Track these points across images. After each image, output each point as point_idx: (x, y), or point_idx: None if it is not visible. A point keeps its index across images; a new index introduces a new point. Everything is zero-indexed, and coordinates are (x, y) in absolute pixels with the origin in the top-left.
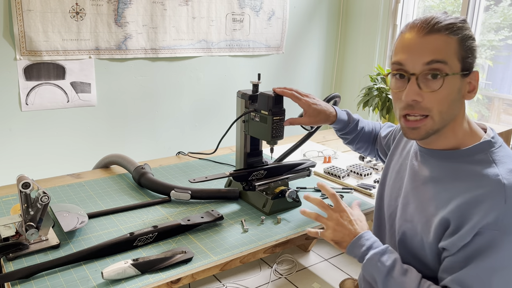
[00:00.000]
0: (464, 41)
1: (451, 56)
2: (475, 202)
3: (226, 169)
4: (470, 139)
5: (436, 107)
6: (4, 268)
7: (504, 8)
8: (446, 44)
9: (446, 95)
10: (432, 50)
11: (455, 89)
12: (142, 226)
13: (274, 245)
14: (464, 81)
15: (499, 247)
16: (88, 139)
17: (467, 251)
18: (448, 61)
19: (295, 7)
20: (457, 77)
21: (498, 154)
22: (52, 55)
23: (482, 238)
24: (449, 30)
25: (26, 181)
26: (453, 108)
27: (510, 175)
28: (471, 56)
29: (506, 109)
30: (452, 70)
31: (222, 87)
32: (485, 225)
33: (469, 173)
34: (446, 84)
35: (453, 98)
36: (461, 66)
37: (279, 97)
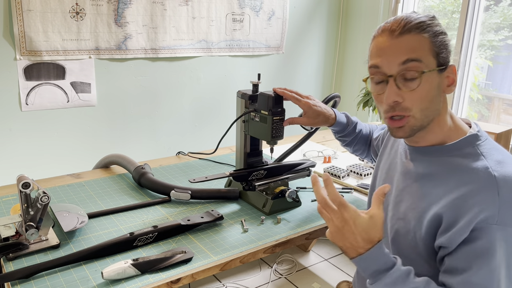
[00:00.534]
0: (436, 37)
1: (425, 54)
2: (468, 196)
3: (226, 169)
4: (456, 133)
5: (416, 105)
6: (4, 268)
7: (504, 8)
8: (419, 42)
9: (426, 92)
10: (406, 50)
11: (434, 85)
12: (142, 226)
13: (274, 245)
14: (442, 76)
15: (502, 241)
16: (88, 139)
17: (469, 249)
18: (423, 59)
19: (295, 7)
20: (434, 73)
21: (485, 147)
22: (52, 55)
23: (482, 234)
24: (419, 28)
25: (26, 181)
26: (434, 104)
27: (499, 167)
28: (445, 50)
29: (506, 109)
30: (428, 67)
31: (222, 87)
32: (483, 219)
33: (458, 167)
34: (424, 81)
35: (433, 94)
36: (436, 62)
37: (279, 97)
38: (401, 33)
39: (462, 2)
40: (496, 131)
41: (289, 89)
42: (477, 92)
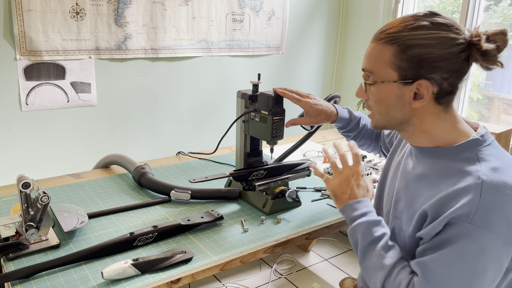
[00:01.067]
0: (405, 50)
1: (382, 65)
2: (453, 195)
3: (226, 169)
4: (458, 137)
5: (374, 107)
6: (4, 268)
7: (504, 8)
8: (379, 53)
9: (379, 98)
10: (366, 58)
11: (391, 95)
12: (142, 226)
13: (274, 245)
14: (407, 88)
15: (467, 238)
16: (88, 139)
17: (437, 239)
18: (376, 71)
19: (295, 7)
20: (393, 85)
21: (484, 152)
22: (52, 55)
23: (453, 228)
24: (386, 39)
25: (26, 181)
26: (392, 111)
27: (491, 173)
28: (415, 66)
29: (506, 109)
30: (382, 78)
31: (222, 87)
32: (457, 216)
33: (454, 170)
34: (377, 89)
35: (390, 103)
36: (397, 75)
37: (279, 97)
38: (373, 40)
39: (462, 2)
40: (496, 131)
41: (289, 89)
42: (477, 92)
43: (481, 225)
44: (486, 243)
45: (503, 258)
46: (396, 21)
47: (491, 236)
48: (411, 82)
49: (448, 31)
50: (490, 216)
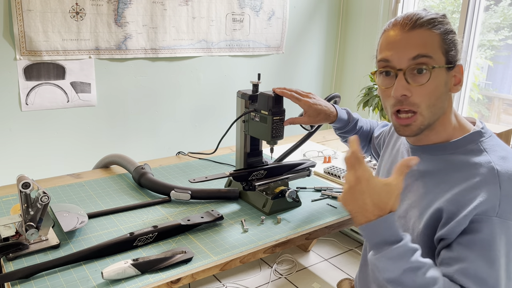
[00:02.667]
0: (446, 34)
1: (435, 50)
2: (470, 189)
3: (226, 169)
4: (460, 131)
5: (424, 101)
6: (4, 268)
7: (504, 8)
8: (430, 38)
9: (434, 88)
10: (417, 45)
11: (442, 83)
12: (142, 226)
13: (274, 245)
14: (450, 74)
15: (500, 233)
16: (88, 139)
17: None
18: (433, 55)
19: (295, 7)
20: (443, 70)
21: (488, 143)
22: (52, 55)
23: (481, 225)
24: (431, 24)
25: (26, 181)
26: (441, 101)
27: (502, 162)
28: (454, 49)
29: (506, 109)
30: (438, 63)
31: (222, 87)
32: (482, 211)
33: (463, 163)
34: (433, 77)
35: (440, 92)
36: (445, 60)
37: (279, 97)
38: (413, 28)
39: (462, 2)
40: (496, 131)
41: (289, 88)
42: (478, 92)
43: (508, 216)
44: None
45: None
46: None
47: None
48: (453, 67)
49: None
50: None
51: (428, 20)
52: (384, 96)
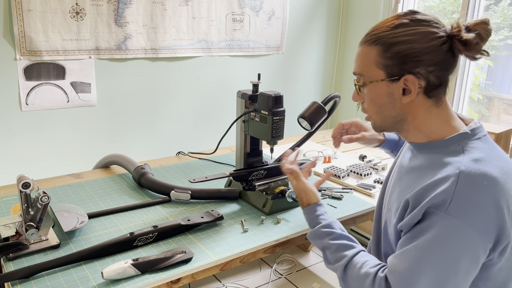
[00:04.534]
0: (387, 49)
1: (369, 66)
2: (432, 185)
3: (226, 169)
4: (449, 132)
5: (369, 108)
6: (4, 268)
7: (504, 8)
8: (365, 55)
9: (372, 99)
10: (355, 62)
11: (382, 94)
12: (142, 226)
13: (274, 245)
14: (395, 85)
15: (441, 227)
16: (88, 139)
17: (414, 230)
18: (365, 72)
19: (295, 7)
20: (381, 83)
21: (471, 145)
22: (52, 55)
23: (429, 218)
24: (369, 41)
25: (26, 181)
26: (386, 110)
27: (471, 164)
28: (398, 62)
29: (506, 109)
30: (371, 78)
31: (222, 87)
32: (433, 205)
33: (439, 162)
34: (369, 89)
35: (383, 102)
36: (384, 73)
37: (279, 97)
38: (360, 43)
39: (462, 2)
40: (496, 131)
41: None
42: (478, 92)
43: (456, 215)
44: (460, 234)
45: (478, 250)
46: (380, 23)
47: (465, 226)
48: (398, 79)
49: (428, 26)
50: (465, 206)
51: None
52: None
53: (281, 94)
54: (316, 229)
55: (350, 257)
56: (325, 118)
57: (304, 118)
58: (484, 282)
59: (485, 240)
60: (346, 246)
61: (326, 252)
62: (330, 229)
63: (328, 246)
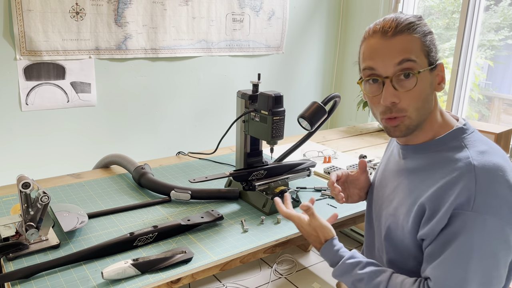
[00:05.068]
0: (425, 36)
1: (418, 53)
2: (449, 185)
3: (226, 169)
4: (444, 128)
5: (412, 105)
6: (4, 268)
7: (504, 8)
8: (412, 42)
9: (420, 91)
10: (400, 51)
11: (427, 84)
12: (142, 226)
13: (274, 245)
14: (433, 74)
15: (472, 227)
16: (88, 139)
17: (444, 236)
18: (417, 59)
19: (295, 7)
20: (427, 72)
21: (470, 139)
22: (52, 55)
23: (457, 220)
24: (410, 29)
25: (26, 181)
26: (428, 102)
27: (480, 156)
28: (434, 49)
29: (506, 109)
30: (422, 66)
31: (222, 87)
32: (458, 206)
33: (444, 160)
34: (419, 81)
35: (426, 93)
36: (427, 61)
37: (279, 97)
38: (394, 34)
39: (462, 2)
40: (496, 131)
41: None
42: (478, 92)
43: (483, 210)
44: (492, 228)
45: (509, 238)
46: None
47: (494, 219)
48: (435, 67)
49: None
50: (490, 200)
51: (407, 25)
52: (372, 102)
53: (281, 94)
54: (342, 263)
55: (386, 281)
56: (325, 118)
57: (304, 118)
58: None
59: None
60: (377, 272)
61: (358, 285)
62: (355, 259)
63: (360, 278)
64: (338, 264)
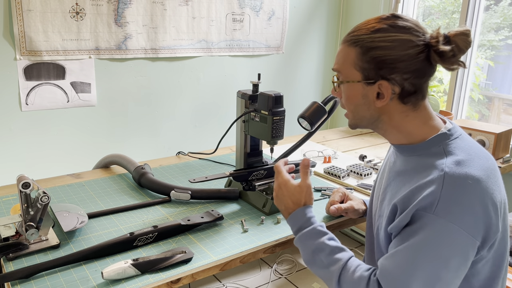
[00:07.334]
0: (366, 52)
1: (347, 66)
2: (418, 188)
3: (226, 169)
4: (430, 133)
5: (346, 106)
6: (4, 268)
7: (504, 8)
8: (345, 54)
9: (347, 97)
10: (336, 59)
11: (356, 95)
12: (142, 226)
13: (274, 245)
14: (370, 88)
15: (430, 228)
16: (88, 139)
17: (403, 233)
18: (343, 71)
19: (295, 7)
20: (357, 84)
21: (451, 146)
22: (52, 55)
23: (417, 220)
24: (349, 42)
25: (26, 181)
26: (361, 110)
27: (455, 166)
28: (375, 67)
29: (506, 109)
30: (347, 78)
31: (222, 87)
32: (421, 207)
33: (423, 165)
34: (344, 88)
35: (357, 102)
36: (361, 75)
37: (279, 97)
38: (341, 42)
39: (462, 2)
40: (496, 131)
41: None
42: (478, 92)
43: (444, 215)
44: (449, 233)
45: (468, 248)
46: (362, 23)
47: (453, 226)
48: (373, 83)
49: (407, 33)
50: (453, 206)
51: (350, 37)
52: None
53: (281, 94)
54: (313, 228)
55: (345, 261)
56: (325, 118)
57: (304, 118)
58: (476, 277)
59: (473, 238)
60: (340, 249)
61: (317, 255)
62: (324, 229)
63: (322, 248)
64: (307, 228)
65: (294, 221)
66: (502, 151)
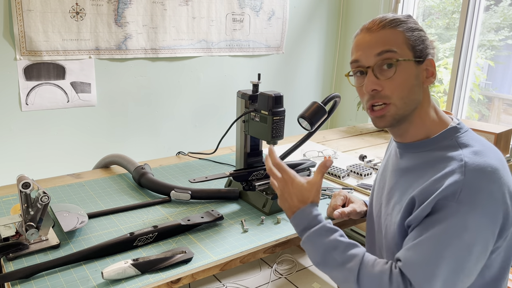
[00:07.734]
0: (411, 32)
1: (399, 45)
2: (439, 179)
3: (226, 169)
4: (439, 127)
5: (395, 93)
6: (4, 268)
7: (504, 8)
8: (393, 35)
9: (403, 80)
10: (381, 43)
11: (411, 75)
12: (142, 226)
13: (274, 245)
14: (420, 68)
15: (453, 216)
16: (88, 139)
17: (425, 223)
18: (397, 50)
19: (295, 7)
20: (411, 64)
21: (463, 138)
22: (52, 55)
23: (440, 209)
24: (393, 24)
25: (26, 181)
26: (413, 93)
27: (473, 156)
28: (421, 45)
29: (506, 109)
30: (403, 56)
31: (222, 87)
32: (443, 197)
33: (438, 159)
34: (400, 70)
35: (411, 84)
36: (412, 54)
37: (279, 97)
38: (377, 29)
39: (462, 2)
40: (496, 131)
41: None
42: (478, 92)
43: (467, 203)
44: (472, 219)
45: (489, 236)
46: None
47: (477, 213)
48: (422, 61)
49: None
50: (476, 194)
51: (390, 21)
52: (360, 94)
53: (281, 94)
54: (322, 226)
55: (362, 256)
56: (325, 118)
57: (304, 118)
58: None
59: (494, 225)
60: (354, 245)
61: (332, 252)
62: (334, 226)
63: (335, 245)
64: (316, 226)
65: (299, 220)
66: (502, 151)
